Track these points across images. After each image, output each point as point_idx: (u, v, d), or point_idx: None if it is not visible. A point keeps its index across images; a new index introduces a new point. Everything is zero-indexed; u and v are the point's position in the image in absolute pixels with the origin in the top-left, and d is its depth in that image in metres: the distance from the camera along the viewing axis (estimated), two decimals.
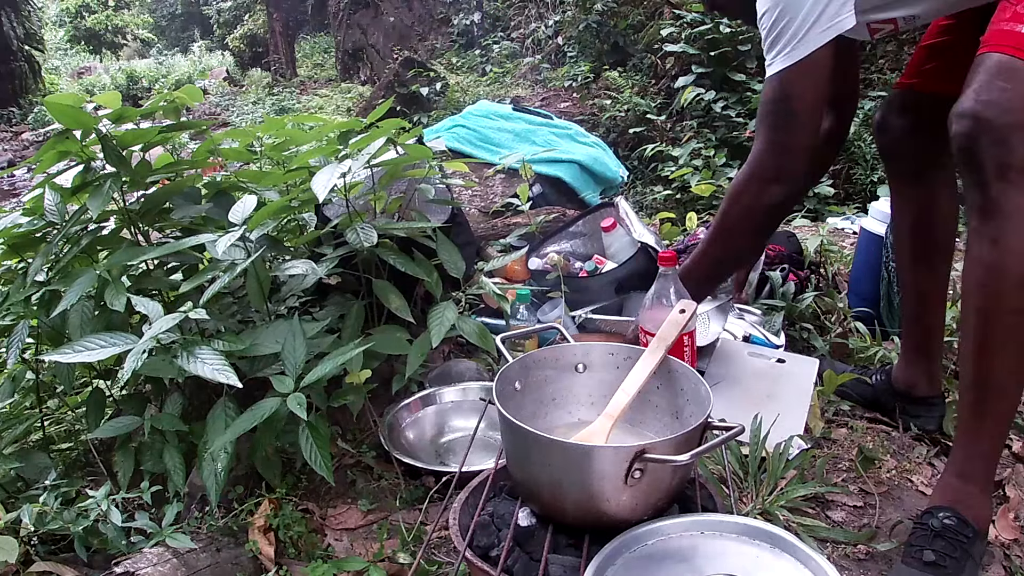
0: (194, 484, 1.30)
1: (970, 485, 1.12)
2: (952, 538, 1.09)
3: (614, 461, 0.81)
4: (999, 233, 1.00)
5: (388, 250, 1.52)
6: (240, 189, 1.60)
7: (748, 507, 1.24)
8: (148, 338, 1.17)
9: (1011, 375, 1.07)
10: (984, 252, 1.02)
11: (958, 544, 1.08)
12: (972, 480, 1.12)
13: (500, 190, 2.91)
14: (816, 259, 2.23)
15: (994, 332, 1.04)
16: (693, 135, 4.08)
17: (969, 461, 1.12)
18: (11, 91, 10.36)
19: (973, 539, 1.10)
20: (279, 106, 8.51)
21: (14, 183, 6.13)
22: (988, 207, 1.01)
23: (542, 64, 6.24)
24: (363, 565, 1.16)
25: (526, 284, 2.04)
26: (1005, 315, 1.02)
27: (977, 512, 1.12)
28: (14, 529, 1.14)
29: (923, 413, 1.53)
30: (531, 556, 0.88)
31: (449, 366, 1.73)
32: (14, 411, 1.55)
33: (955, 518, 1.10)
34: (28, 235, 1.45)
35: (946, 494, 1.14)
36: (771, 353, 1.73)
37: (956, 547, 1.08)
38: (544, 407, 1.08)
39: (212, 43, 17.11)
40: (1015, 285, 1.01)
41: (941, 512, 1.12)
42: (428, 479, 1.40)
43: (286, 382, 1.23)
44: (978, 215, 1.02)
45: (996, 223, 1.00)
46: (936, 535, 1.10)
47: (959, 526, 1.09)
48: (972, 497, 1.12)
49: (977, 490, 1.12)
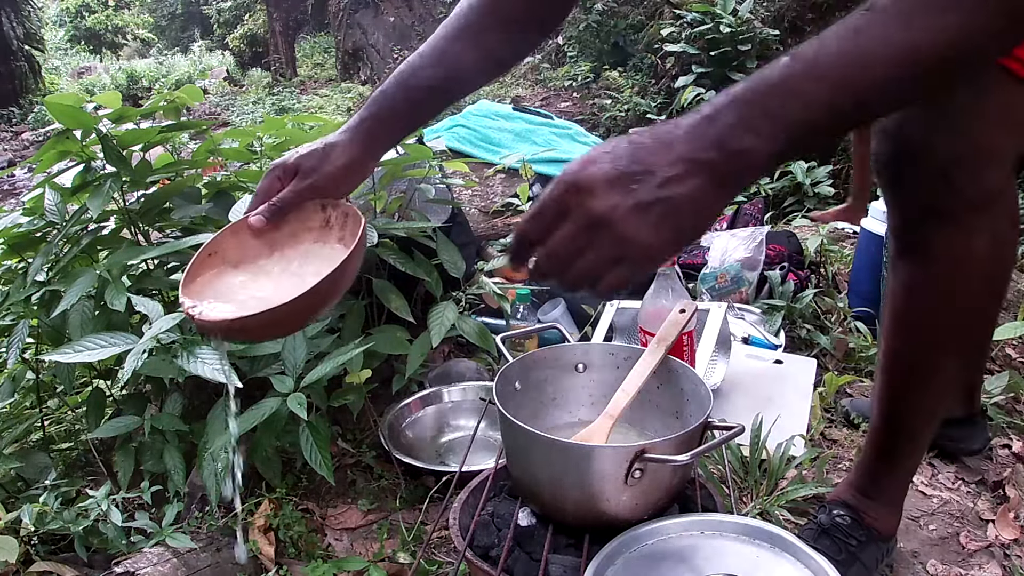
0: (194, 484, 1.30)
1: (876, 484, 1.07)
2: (839, 538, 1.03)
3: (614, 461, 0.81)
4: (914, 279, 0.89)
5: (388, 250, 1.52)
6: (240, 189, 1.60)
7: (748, 507, 1.24)
8: (148, 338, 1.17)
9: (920, 414, 1.00)
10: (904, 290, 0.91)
11: (844, 545, 1.03)
12: (880, 479, 1.06)
13: (500, 190, 2.91)
14: (816, 259, 2.23)
15: (907, 377, 0.97)
16: None
17: (880, 460, 1.06)
18: (11, 91, 10.35)
19: (865, 543, 1.04)
20: (279, 106, 8.51)
21: (14, 183, 6.13)
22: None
23: (542, 64, 6.25)
24: (363, 565, 1.16)
25: (526, 284, 2.04)
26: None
27: (878, 515, 1.07)
28: (14, 529, 1.14)
29: (964, 436, 1.39)
30: (531, 556, 0.88)
31: (449, 366, 1.73)
32: (14, 411, 1.55)
33: (849, 517, 1.05)
34: (28, 235, 1.45)
35: (848, 491, 1.09)
36: (769, 355, 1.74)
37: (841, 549, 1.03)
38: (544, 407, 1.08)
39: (212, 43, 17.12)
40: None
41: (836, 508, 1.06)
42: (428, 479, 1.40)
43: (286, 382, 1.23)
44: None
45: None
46: (823, 531, 1.05)
47: (851, 527, 1.04)
48: (875, 498, 1.07)
49: (883, 490, 1.07)
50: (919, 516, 1.28)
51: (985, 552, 1.20)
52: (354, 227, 0.88)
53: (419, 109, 0.95)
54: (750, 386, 1.62)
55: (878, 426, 1.04)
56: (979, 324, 0.95)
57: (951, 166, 0.77)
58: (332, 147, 0.88)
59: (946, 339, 0.92)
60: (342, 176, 0.89)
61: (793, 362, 1.72)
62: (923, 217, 0.83)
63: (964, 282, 0.85)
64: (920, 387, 0.96)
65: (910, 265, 0.88)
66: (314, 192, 0.89)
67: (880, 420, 1.03)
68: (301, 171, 0.87)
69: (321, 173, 0.88)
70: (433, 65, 0.92)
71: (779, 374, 1.67)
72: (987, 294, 0.89)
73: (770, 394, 1.59)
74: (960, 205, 0.79)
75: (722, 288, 2.01)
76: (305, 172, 0.87)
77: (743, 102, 0.56)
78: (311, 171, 0.87)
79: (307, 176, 0.87)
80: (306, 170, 0.87)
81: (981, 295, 0.89)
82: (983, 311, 0.93)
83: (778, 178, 3.42)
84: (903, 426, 1.02)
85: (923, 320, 0.91)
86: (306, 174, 0.87)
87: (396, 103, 0.92)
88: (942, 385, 0.97)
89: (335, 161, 0.88)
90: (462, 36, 0.93)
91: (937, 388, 0.96)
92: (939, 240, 0.83)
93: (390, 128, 0.94)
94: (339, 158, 0.88)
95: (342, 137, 0.90)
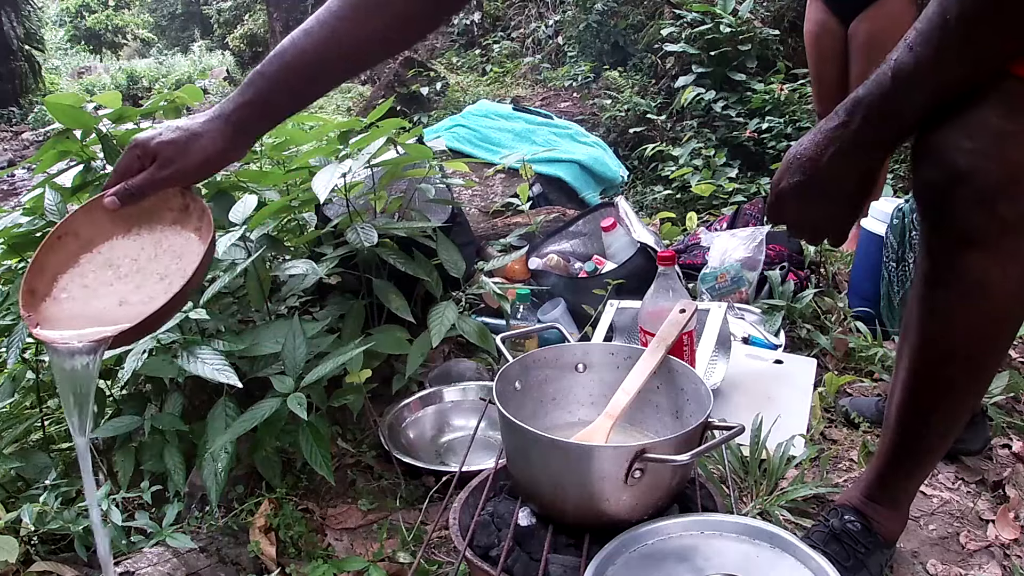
0: (194, 484, 1.30)
1: (888, 492, 1.07)
2: (849, 544, 1.04)
3: (614, 461, 0.81)
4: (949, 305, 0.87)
5: (388, 250, 1.52)
6: (240, 189, 1.60)
7: (748, 507, 1.24)
8: (148, 338, 1.17)
9: (941, 432, 0.99)
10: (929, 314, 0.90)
11: (853, 552, 1.04)
12: (892, 488, 1.07)
13: (500, 190, 2.91)
14: (816, 259, 2.23)
15: (926, 395, 0.96)
16: (693, 135, 4.08)
17: (894, 470, 1.06)
18: (11, 91, 10.35)
19: (872, 550, 1.05)
20: None
21: (14, 183, 6.13)
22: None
23: (542, 64, 6.25)
24: (363, 565, 1.16)
25: (526, 284, 2.04)
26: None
27: (886, 523, 1.07)
28: (14, 529, 1.14)
29: (965, 437, 1.39)
30: (531, 556, 0.88)
31: (449, 366, 1.73)
32: (14, 411, 1.55)
33: (860, 523, 1.06)
34: (28, 235, 1.45)
35: (859, 497, 1.09)
36: (769, 355, 1.74)
37: (850, 554, 1.04)
38: (544, 407, 1.08)
39: (212, 43, 17.11)
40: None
41: (847, 514, 1.07)
42: (428, 479, 1.40)
43: (286, 382, 1.23)
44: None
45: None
46: (833, 536, 1.05)
47: (861, 533, 1.05)
48: (886, 505, 1.07)
49: (894, 498, 1.07)
50: (919, 516, 1.28)
51: (985, 552, 1.20)
52: (209, 222, 0.88)
53: (300, 96, 0.92)
54: (750, 386, 1.62)
55: (895, 439, 1.03)
56: (1006, 345, 0.94)
57: (996, 192, 0.78)
58: (196, 138, 0.86)
59: (976, 365, 0.91)
60: (200, 170, 0.89)
61: (793, 362, 1.72)
62: (960, 241, 0.82)
63: (995, 306, 0.85)
64: (944, 408, 0.96)
65: (941, 290, 0.86)
66: (169, 183, 0.88)
67: (897, 433, 1.02)
68: (159, 160, 0.86)
69: (178, 167, 0.87)
70: (322, 45, 0.88)
71: (779, 374, 1.67)
72: (1017, 319, 0.88)
73: (770, 394, 1.59)
74: (998, 230, 0.79)
75: (722, 288, 2.01)
76: (163, 162, 0.86)
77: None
78: (168, 162, 0.86)
79: (164, 167, 0.86)
80: (164, 160, 0.86)
81: (1011, 319, 0.88)
82: (1012, 333, 0.92)
83: None
84: (922, 443, 1.01)
85: (954, 347, 0.89)
86: (163, 164, 0.86)
87: (276, 87, 0.89)
88: (966, 405, 0.97)
89: (194, 156, 0.87)
90: (352, 15, 0.88)
91: (961, 409, 0.97)
92: (975, 264, 0.82)
93: (265, 116, 0.91)
94: (199, 152, 0.87)
95: (209, 127, 0.87)
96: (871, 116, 0.81)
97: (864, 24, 2.24)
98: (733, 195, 3.35)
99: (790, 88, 3.88)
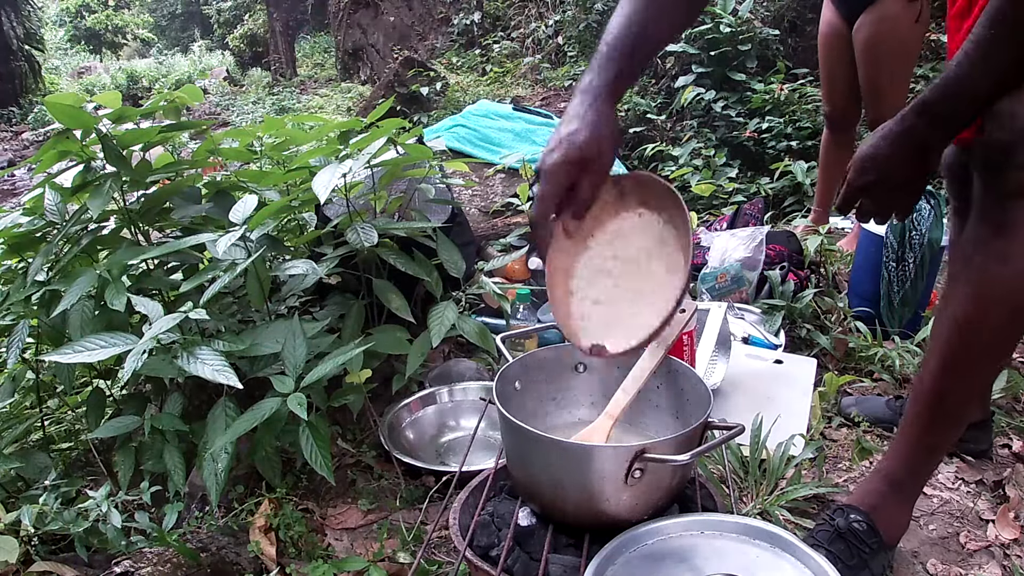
0: (194, 484, 1.30)
1: (896, 494, 1.09)
2: (854, 543, 1.06)
3: (614, 461, 0.81)
4: (1008, 252, 0.92)
5: (388, 250, 1.52)
6: (240, 189, 1.60)
7: (748, 507, 1.24)
8: (148, 338, 1.17)
9: (966, 398, 1.02)
10: (985, 268, 0.95)
11: (857, 551, 1.05)
12: (900, 490, 1.09)
13: (500, 190, 2.91)
14: (816, 259, 2.23)
15: (967, 350, 0.98)
16: (693, 135, 4.08)
17: (904, 470, 1.08)
18: (11, 91, 10.35)
19: (876, 550, 1.07)
20: (279, 106, 8.50)
21: (14, 183, 6.13)
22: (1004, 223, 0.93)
23: (542, 64, 6.24)
24: (363, 565, 1.16)
25: (526, 284, 2.04)
26: (985, 332, 0.96)
27: (891, 524, 1.09)
28: (14, 529, 1.14)
29: (974, 437, 1.42)
30: (531, 556, 0.88)
31: (449, 366, 1.73)
32: (14, 411, 1.55)
33: (865, 524, 1.07)
34: (28, 235, 1.45)
35: (866, 498, 1.11)
36: (769, 355, 1.74)
37: (854, 554, 1.05)
38: (544, 407, 1.08)
39: (212, 43, 17.11)
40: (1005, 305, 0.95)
41: (853, 513, 1.08)
42: (428, 479, 1.40)
43: (286, 382, 1.23)
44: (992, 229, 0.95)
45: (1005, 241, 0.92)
46: (839, 535, 1.07)
47: (866, 533, 1.06)
48: (892, 507, 1.09)
49: (900, 500, 1.09)
50: (919, 516, 1.28)
51: (985, 552, 1.21)
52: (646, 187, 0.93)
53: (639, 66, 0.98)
54: (750, 386, 1.62)
55: (912, 443, 1.06)
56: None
57: None
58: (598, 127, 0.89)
59: (1020, 318, 0.95)
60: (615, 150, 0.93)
61: (793, 362, 1.72)
62: (1016, 195, 0.91)
63: None
64: (978, 373, 1.01)
65: (1000, 241, 0.92)
66: (605, 178, 0.93)
67: (916, 437, 1.06)
68: (588, 163, 0.89)
69: (606, 159, 0.91)
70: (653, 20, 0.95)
71: (779, 374, 1.67)
72: None
73: (770, 394, 1.59)
74: None
75: (722, 288, 2.01)
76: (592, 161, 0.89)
77: None
78: (595, 158, 0.89)
79: (596, 166, 0.90)
80: (591, 159, 0.89)
81: None
82: None
83: (778, 178, 3.42)
84: (937, 449, 1.06)
85: (1006, 294, 0.93)
86: (593, 162, 0.89)
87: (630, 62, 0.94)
88: (990, 378, 1.06)
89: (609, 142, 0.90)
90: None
91: (988, 378, 1.04)
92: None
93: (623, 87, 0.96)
94: (609, 137, 0.90)
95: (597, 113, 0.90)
96: (936, 119, 0.91)
97: (864, 25, 2.24)
98: (733, 195, 3.35)
99: (790, 88, 3.88)
